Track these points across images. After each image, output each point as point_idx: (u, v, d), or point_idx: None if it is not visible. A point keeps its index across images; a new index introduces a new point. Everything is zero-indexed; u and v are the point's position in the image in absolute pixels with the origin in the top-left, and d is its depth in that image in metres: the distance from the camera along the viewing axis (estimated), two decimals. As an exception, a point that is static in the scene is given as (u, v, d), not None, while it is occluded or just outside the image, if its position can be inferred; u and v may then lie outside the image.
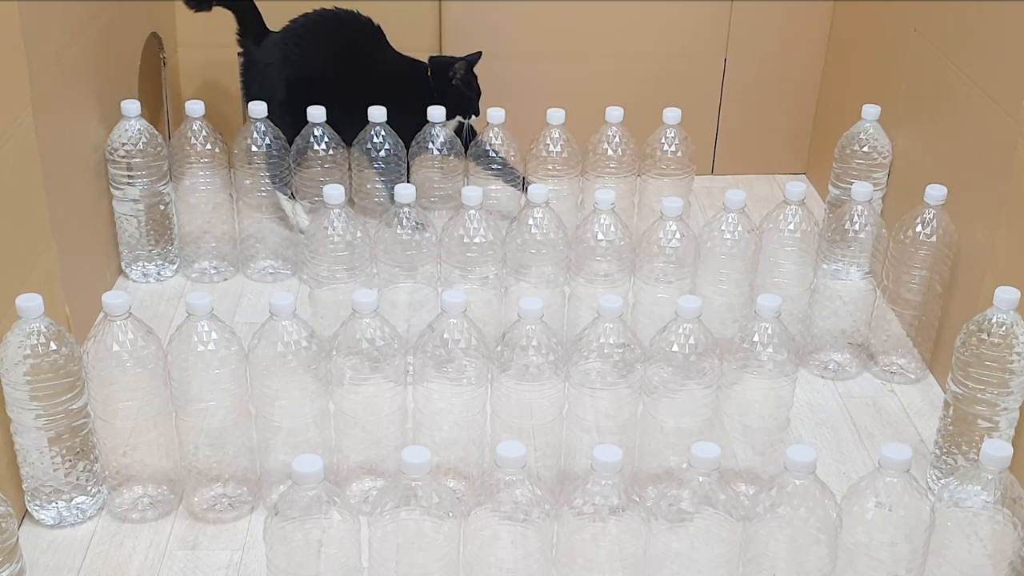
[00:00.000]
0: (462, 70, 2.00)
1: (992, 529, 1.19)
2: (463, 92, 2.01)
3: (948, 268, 1.67)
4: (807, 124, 2.33)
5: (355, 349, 1.36)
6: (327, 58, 1.99)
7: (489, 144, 1.94)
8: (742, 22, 2.23)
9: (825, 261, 1.71)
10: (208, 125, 1.85)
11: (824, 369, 1.75)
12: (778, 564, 1.18)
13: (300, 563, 1.17)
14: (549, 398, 1.38)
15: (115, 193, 1.84)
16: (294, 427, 1.39)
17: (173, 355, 1.35)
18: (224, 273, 1.94)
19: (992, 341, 1.39)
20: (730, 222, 1.65)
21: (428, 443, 1.38)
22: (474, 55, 2.02)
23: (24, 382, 1.30)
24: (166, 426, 1.40)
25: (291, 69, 1.98)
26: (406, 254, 1.64)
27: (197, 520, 1.43)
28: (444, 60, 2.03)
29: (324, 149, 1.87)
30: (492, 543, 1.18)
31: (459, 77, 2.00)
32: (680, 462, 1.37)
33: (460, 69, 2.00)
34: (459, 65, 2.00)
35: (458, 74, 2.00)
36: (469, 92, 2.02)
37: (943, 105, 1.78)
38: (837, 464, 1.56)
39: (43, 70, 1.56)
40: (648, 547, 1.20)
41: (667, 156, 1.93)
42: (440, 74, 2.01)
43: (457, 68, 2.00)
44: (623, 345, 1.37)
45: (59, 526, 1.41)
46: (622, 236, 1.63)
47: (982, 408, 1.42)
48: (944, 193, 1.62)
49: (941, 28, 1.79)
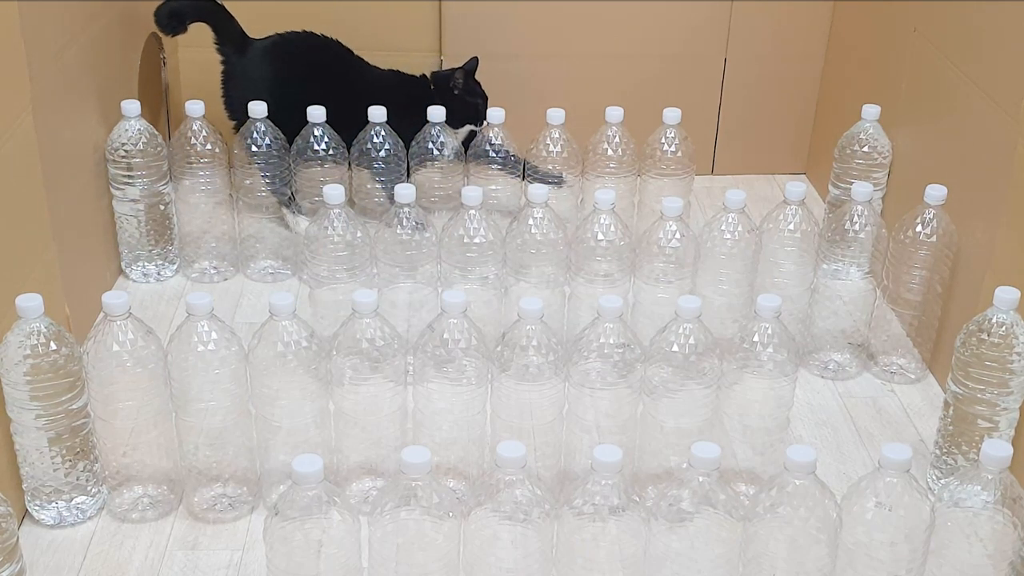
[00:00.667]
0: (461, 79, 2.01)
1: (992, 529, 1.19)
2: (467, 101, 2.01)
3: (948, 268, 1.67)
4: (807, 124, 2.33)
5: (355, 349, 1.36)
6: (318, 72, 2.00)
7: (489, 143, 1.94)
8: (742, 22, 2.23)
9: (825, 261, 1.71)
10: (208, 125, 1.85)
11: (824, 369, 1.75)
12: (778, 564, 1.18)
13: (300, 563, 1.17)
14: (549, 398, 1.38)
15: (115, 193, 1.84)
16: (294, 427, 1.39)
17: (173, 355, 1.35)
18: (224, 273, 1.94)
19: (992, 341, 1.39)
20: (730, 222, 1.65)
21: (428, 443, 1.38)
22: (470, 62, 2.03)
23: (24, 382, 1.30)
24: (166, 426, 1.40)
25: (279, 82, 1.98)
26: (406, 254, 1.64)
27: (197, 520, 1.43)
28: (444, 74, 2.04)
29: (324, 149, 1.87)
30: (492, 543, 1.19)
31: (460, 87, 2.01)
32: (680, 462, 1.37)
33: (459, 79, 2.01)
34: (458, 75, 2.01)
35: (459, 84, 2.01)
36: (473, 99, 2.02)
37: (943, 105, 1.78)
38: (837, 464, 1.56)
39: (43, 70, 1.56)
40: (648, 547, 1.20)
41: (667, 156, 1.93)
42: (442, 88, 2.02)
43: (456, 78, 2.01)
44: (623, 345, 1.37)
45: (59, 526, 1.41)
46: (622, 236, 1.63)
47: (982, 408, 1.42)
48: (944, 193, 1.62)
49: (941, 28, 1.79)
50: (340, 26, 2.19)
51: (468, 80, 2.02)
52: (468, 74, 2.02)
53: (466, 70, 2.02)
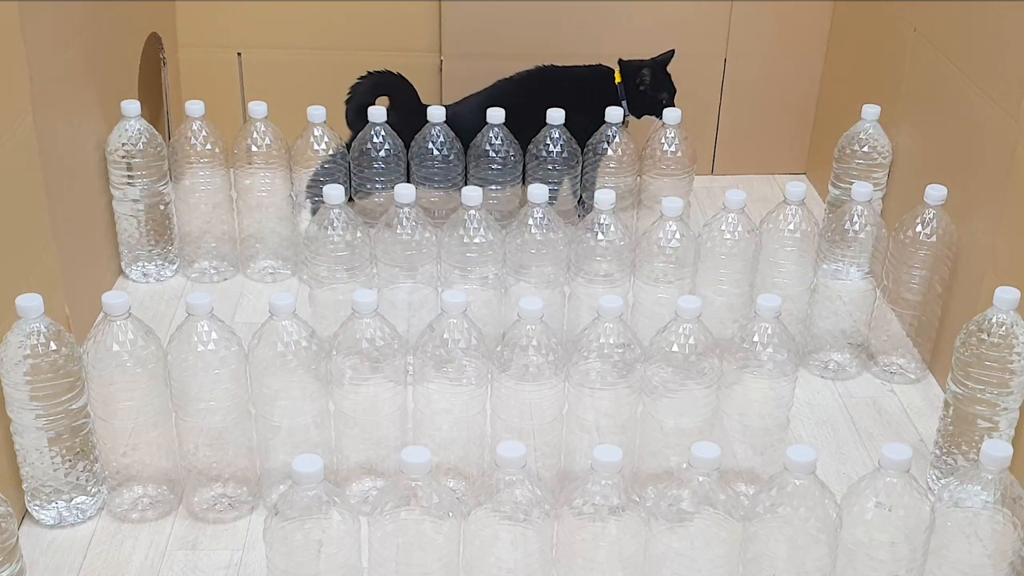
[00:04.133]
0: (648, 77, 2.01)
1: (992, 529, 1.19)
2: (650, 95, 2.02)
3: (948, 268, 1.67)
4: (807, 124, 2.33)
5: (355, 349, 1.36)
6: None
7: (489, 144, 1.93)
8: (742, 22, 2.23)
9: (825, 261, 1.71)
10: (208, 125, 1.85)
11: (824, 369, 1.75)
12: (778, 564, 1.18)
13: (300, 563, 1.17)
14: (549, 398, 1.38)
15: (115, 193, 1.84)
16: (294, 427, 1.39)
17: (173, 355, 1.35)
18: (224, 273, 1.94)
19: (992, 341, 1.39)
20: (730, 222, 1.65)
21: (428, 443, 1.38)
22: (666, 55, 2.04)
23: (24, 382, 1.30)
24: (166, 426, 1.40)
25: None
26: (406, 254, 1.64)
27: (197, 520, 1.43)
28: (634, 65, 2.03)
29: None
30: (492, 543, 1.19)
31: (646, 83, 2.02)
32: (680, 462, 1.37)
33: (646, 76, 2.02)
34: (645, 72, 2.01)
35: (645, 81, 2.02)
36: (656, 94, 2.02)
37: (943, 105, 1.78)
38: (837, 464, 1.56)
39: (43, 70, 1.56)
40: (648, 547, 1.20)
41: (667, 156, 1.93)
42: (629, 79, 2.03)
43: (644, 75, 2.01)
44: (623, 345, 1.37)
45: (59, 526, 1.41)
46: (622, 236, 1.63)
47: (982, 408, 1.42)
48: (944, 193, 1.62)
49: (941, 28, 1.79)
50: (340, 26, 2.20)
51: (657, 75, 2.02)
52: (657, 68, 2.02)
53: (657, 63, 2.03)
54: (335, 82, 1.99)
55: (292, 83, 2.19)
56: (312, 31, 2.20)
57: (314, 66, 2.21)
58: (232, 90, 2.23)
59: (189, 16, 2.16)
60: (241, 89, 2.23)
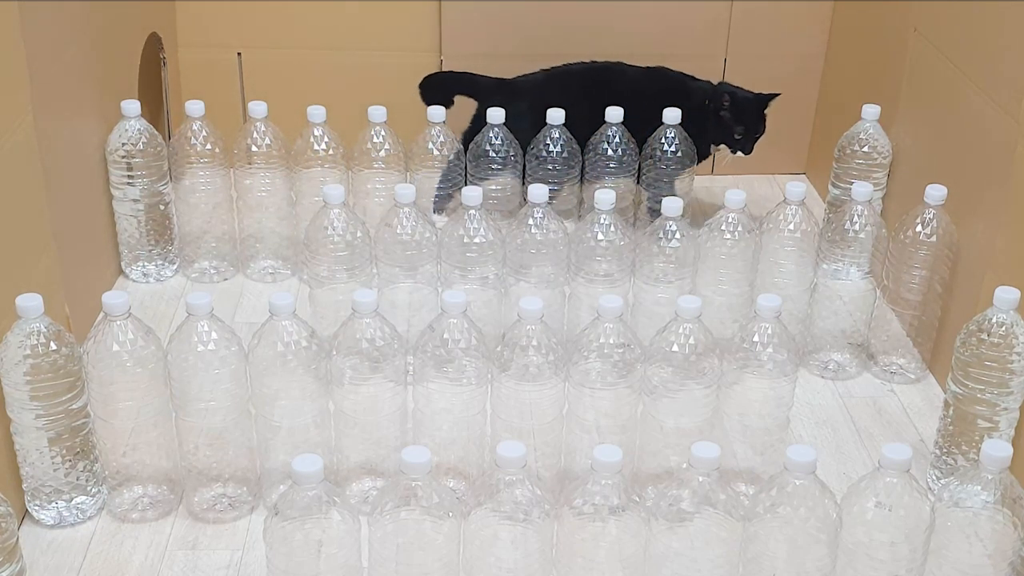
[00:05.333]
0: (727, 103, 1.99)
1: (992, 529, 1.19)
2: (726, 124, 2.00)
3: (948, 268, 1.67)
4: (807, 124, 2.33)
5: (355, 349, 1.36)
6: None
7: (489, 144, 1.93)
8: (742, 22, 2.23)
9: (825, 261, 1.71)
10: (208, 125, 1.85)
11: (824, 369, 1.75)
12: (778, 564, 1.18)
13: (300, 563, 1.17)
14: (549, 398, 1.38)
15: (115, 193, 1.84)
16: (294, 427, 1.39)
17: (173, 355, 1.35)
18: (224, 273, 1.94)
19: (992, 341, 1.39)
20: (730, 222, 1.65)
21: (428, 443, 1.38)
22: (765, 96, 2.00)
23: (24, 382, 1.30)
24: (166, 426, 1.40)
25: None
26: (406, 254, 1.64)
27: (197, 520, 1.43)
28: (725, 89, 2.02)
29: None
30: (492, 543, 1.19)
31: (725, 108, 2.00)
32: (680, 462, 1.37)
33: (726, 102, 1.99)
34: (725, 98, 1.99)
35: (724, 105, 1.99)
36: (731, 125, 2.00)
37: (943, 105, 1.78)
38: (837, 464, 1.56)
39: (43, 70, 1.56)
40: (648, 547, 1.20)
41: (667, 156, 1.93)
42: (715, 101, 2.01)
43: (724, 100, 1.99)
44: (623, 345, 1.37)
45: (59, 526, 1.41)
46: (622, 236, 1.63)
47: (982, 408, 1.42)
48: (944, 193, 1.62)
49: (941, 28, 1.79)
50: (340, 26, 2.20)
51: (736, 106, 1.99)
52: (738, 102, 1.99)
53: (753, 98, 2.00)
54: (335, 82, 1.99)
55: (292, 83, 2.19)
56: (312, 31, 2.20)
57: (314, 66, 2.21)
58: (232, 90, 2.23)
59: (189, 16, 2.16)
60: (241, 89, 2.23)
